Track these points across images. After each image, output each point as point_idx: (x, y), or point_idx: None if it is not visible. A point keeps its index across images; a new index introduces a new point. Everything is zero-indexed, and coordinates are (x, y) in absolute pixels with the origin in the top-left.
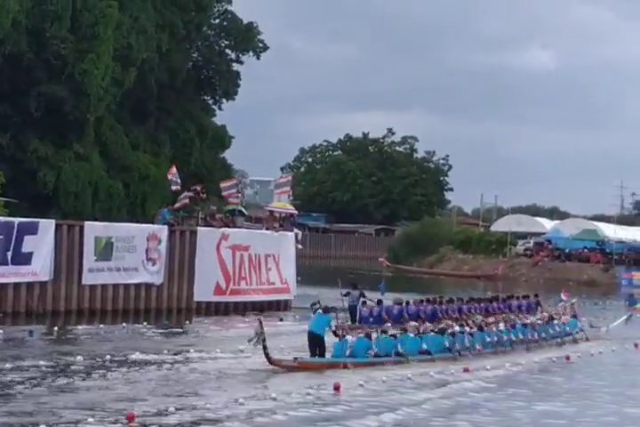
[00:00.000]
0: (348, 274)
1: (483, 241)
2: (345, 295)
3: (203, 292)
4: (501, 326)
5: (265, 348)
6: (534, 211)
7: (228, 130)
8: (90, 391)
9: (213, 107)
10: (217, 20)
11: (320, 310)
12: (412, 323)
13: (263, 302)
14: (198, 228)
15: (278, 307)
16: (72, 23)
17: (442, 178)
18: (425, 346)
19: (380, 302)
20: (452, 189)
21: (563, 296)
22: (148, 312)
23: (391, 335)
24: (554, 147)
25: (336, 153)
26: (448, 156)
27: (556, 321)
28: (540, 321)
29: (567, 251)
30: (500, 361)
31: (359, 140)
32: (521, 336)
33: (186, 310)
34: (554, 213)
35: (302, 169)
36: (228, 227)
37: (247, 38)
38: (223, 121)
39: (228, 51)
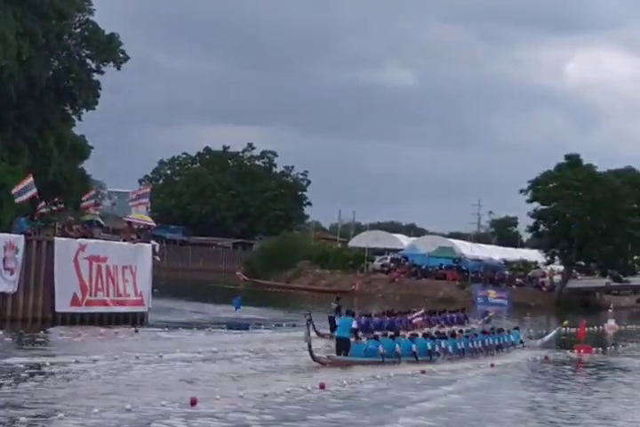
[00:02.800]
0: (205, 287)
1: (340, 256)
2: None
3: (60, 302)
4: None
5: (310, 347)
6: (392, 227)
7: (87, 140)
8: None
9: (73, 117)
10: (78, 30)
11: (344, 314)
12: (377, 332)
13: (119, 313)
14: (55, 238)
15: (134, 318)
16: None
17: (300, 193)
18: (414, 348)
19: (352, 313)
20: (310, 204)
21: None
22: (2, 321)
23: (390, 337)
24: (414, 164)
25: (195, 166)
26: (307, 171)
27: (504, 332)
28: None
29: (424, 268)
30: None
31: (219, 153)
32: (480, 344)
33: (42, 320)
34: (411, 230)
35: (161, 181)
36: (86, 237)
37: (108, 49)
38: (83, 131)
39: (88, 60)
